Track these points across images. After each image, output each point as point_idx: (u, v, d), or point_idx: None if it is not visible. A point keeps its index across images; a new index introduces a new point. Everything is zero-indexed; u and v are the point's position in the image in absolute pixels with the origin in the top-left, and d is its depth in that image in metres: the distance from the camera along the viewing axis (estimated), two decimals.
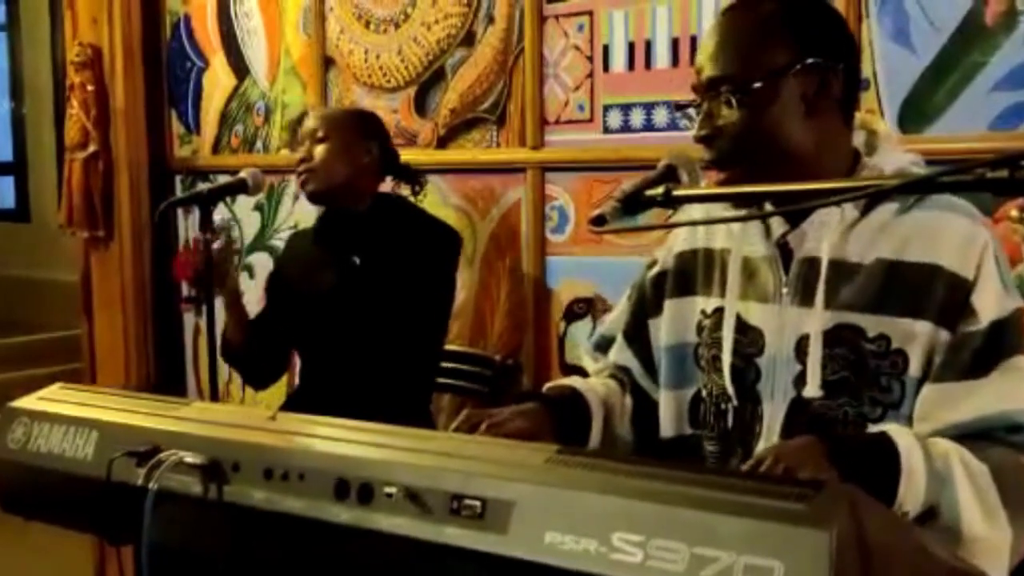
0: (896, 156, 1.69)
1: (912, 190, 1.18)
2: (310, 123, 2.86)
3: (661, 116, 2.80)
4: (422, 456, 1.26)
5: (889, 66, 2.44)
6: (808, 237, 1.67)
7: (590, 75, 2.96)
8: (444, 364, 3.02)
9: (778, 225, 1.71)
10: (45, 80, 7.71)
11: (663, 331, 1.84)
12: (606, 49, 2.92)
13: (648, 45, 2.84)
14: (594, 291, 2.99)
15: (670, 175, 1.60)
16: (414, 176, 2.97)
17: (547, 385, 1.88)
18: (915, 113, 2.42)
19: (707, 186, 1.62)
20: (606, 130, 2.94)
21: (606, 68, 2.93)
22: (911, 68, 2.41)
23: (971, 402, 1.55)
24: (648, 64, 2.84)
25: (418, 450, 1.28)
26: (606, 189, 2.88)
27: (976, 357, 1.55)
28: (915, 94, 2.41)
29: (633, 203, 1.53)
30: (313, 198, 2.83)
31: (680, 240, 1.87)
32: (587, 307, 3.02)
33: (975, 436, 1.54)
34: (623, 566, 1.05)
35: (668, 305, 1.84)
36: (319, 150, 2.78)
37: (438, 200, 3.29)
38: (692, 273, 1.82)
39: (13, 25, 8.06)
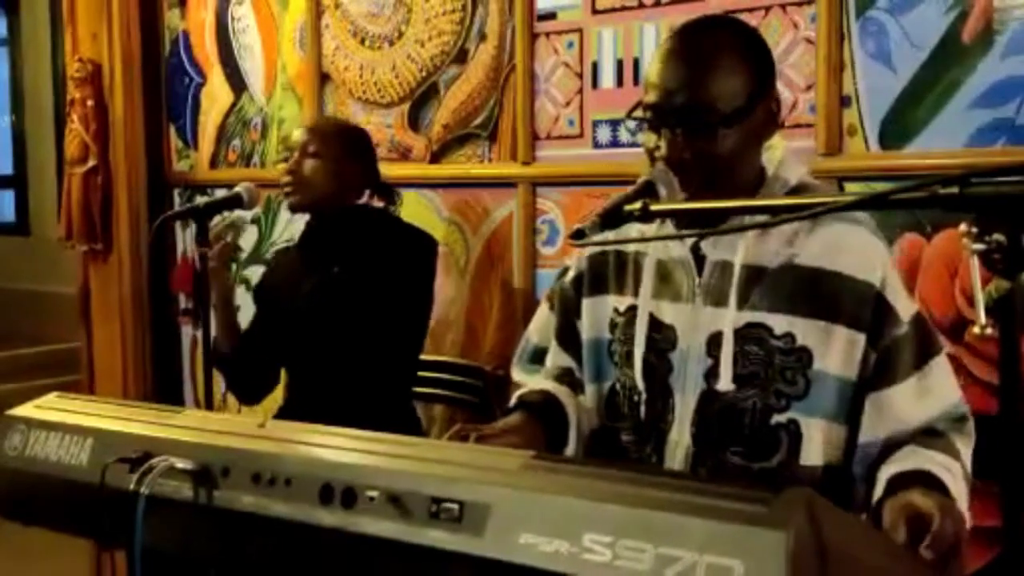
0: (797, 169, 1.80)
1: (866, 206, 1.23)
2: (300, 136, 2.87)
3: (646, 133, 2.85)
4: (403, 461, 1.30)
5: (870, 84, 2.49)
6: (721, 243, 1.76)
7: (580, 91, 3.01)
8: (436, 375, 3.07)
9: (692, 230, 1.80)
10: (45, 94, 7.76)
11: (583, 328, 1.94)
12: (595, 66, 2.98)
13: (636, 62, 2.89)
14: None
15: (648, 190, 1.66)
16: (391, 192, 3.03)
17: (518, 392, 1.93)
18: (895, 130, 2.46)
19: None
20: (595, 145, 2.99)
21: (595, 84, 2.98)
22: (891, 86, 2.46)
23: (929, 400, 1.71)
24: (636, 81, 2.89)
25: (399, 456, 1.32)
26: (595, 203, 2.93)
27: (915, 354, 1.70)
28: (895, 112, 2.46)
29: (612, 218, 1.59)
30: (295, 209, 2.88)
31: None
32: None
33: (934, 430, 1.71)
34: (593, 565, 1.10)
35: (585, 304, 1.93)
36: (309, 165, 2.81)
37: (431, 214, 3.34)
38: (604, 274, 1.91)
39: (14, 40, 8.11)
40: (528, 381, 2.00)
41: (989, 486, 1.68)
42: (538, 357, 2.05)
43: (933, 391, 1.71)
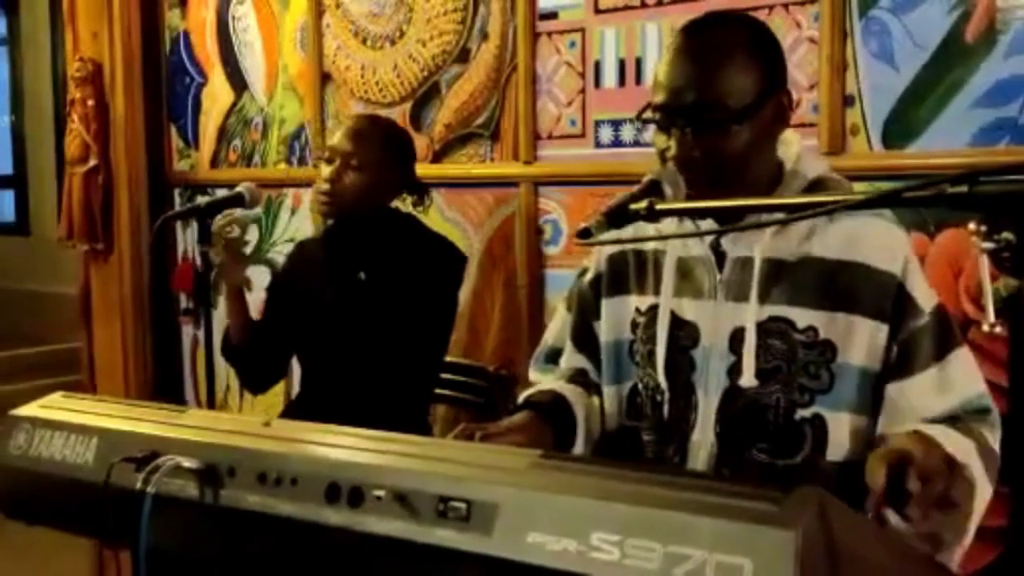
0: (815, 164, 1.79)
1: (877, 204, 1.23)
2: (345, 144, 2.75)
3: (651, 131, 2.84)
4: (410, 460, 1.30)
5: (873, 84, 2.49)
6: (741, 239, 1.75)
7: (582, 91, 3.01)
8: (439, 375, 3.06)
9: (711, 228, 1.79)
10: (45, 94, 7.76)
11: (602, 329, 1.93)
12: (597, 65, 2.98)
13: (638, 62, 2.89)
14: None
15: (654, 189, 1.66)
16: (423, 192, 2.94)
17: (526, 393, 1.93)
18: (898, 130, 2.46)
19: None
20: (597, 145, 2.99)
21: (597, 84, 2.98)
22: (894, 86, 2.46)
23: (948, 391, 1.69)
24: (639, 80, 2.89)
25: (406, 454, 1.32)
26: (598, 203, 2.93)
27: (935, 345, 1.69)
28: (898, 111, 2.46)
29: (618, 216, 1.58)
30: (327, 217, 2.85)
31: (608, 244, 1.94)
32: None
33: (957, 419, 1.68)
34: (601, 564, 1.09)
35: (604, 304, 1.93)
36: (351, 178, 2.72)
37: (434, 213, 3.33)
38: (624, 273, 1.91)
39: (14, 39, 8.11)
40: (541, 381, 2.00)
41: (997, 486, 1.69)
42: (553, 357, 2.05)
43: (953, 383, 1.70)
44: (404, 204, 2.92)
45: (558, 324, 2.06)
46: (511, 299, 3.20)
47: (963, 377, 1.71)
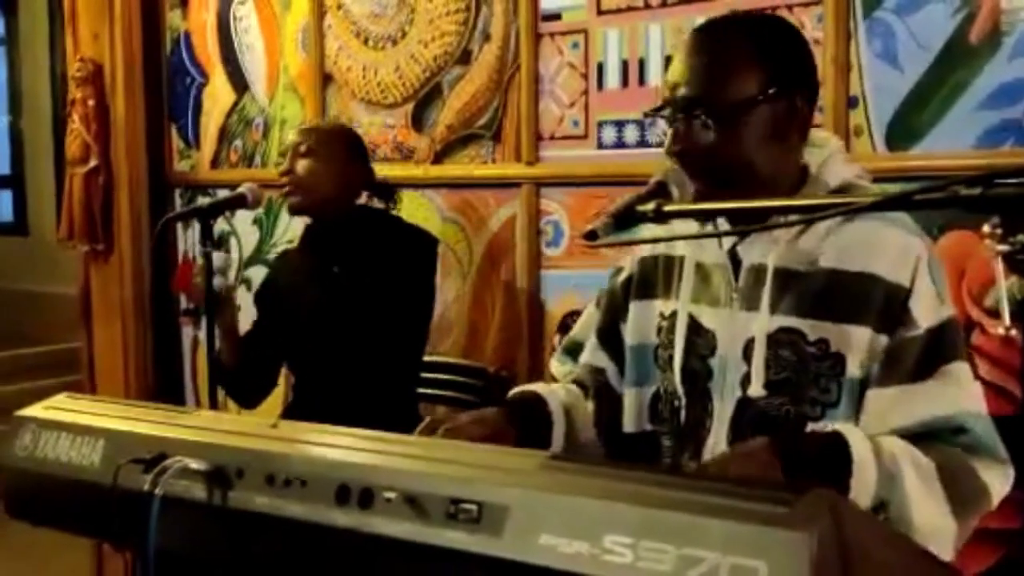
0: (840, 169, 1.76)
1: (888, 207, 1.23)
2: (293, 137, 2.90)
3: (654, 133, 2.85)
4: (420, 462, 1.29)
5: (877, 85, 2.49)
6: (756, 246, 1.74)
7: (584, 92, 3.01)
8: (439, 375, 3.07)
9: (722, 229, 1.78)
10: (44, 94, 7.75)
11: (628, 332, 1.93)
12: (600, 66, 2.97)
13: (641, 63, 2.89)
14: (588, 304, 3.03)
15: (661, 191, 1.66)
16: (390, 191, 3.02)
17: (512, 391, 1.93)
18: (902, 131, 2.46)
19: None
20: (600, 146, 2.99)
21: (600, 85, 2.98)
22: (898, 87, 2.46)
23: (916, 407, 1.63)
24: (641, 81, 2.89)
25: (416, 456, 1.31)
26: (600, 204, 2.93)
27: (917, 362, 1.64)
28: (902, 113, 2.46)
29: (625, 218, 1.58)
30: (295, 211, 2.88)
31: (643, 247, 1.94)
32: None
33: (922, 437, 1.62)
34: (614, 567, 1.09)
35: (632, 307, 1.93)
36: (301, 165, 2.82)
37: (434, 214, 3.33)
38: (653, 278, 1.90)
39: (12, 39, 8.10)
40: (558, 373, 2.01)
41: None
42: (573, 350, 2.04)
43: (933, 399, 1.63)
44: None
45: (585, 319, 2.06)
46: (511, 301, 3.20)
47: (947, 393, 1.64)
